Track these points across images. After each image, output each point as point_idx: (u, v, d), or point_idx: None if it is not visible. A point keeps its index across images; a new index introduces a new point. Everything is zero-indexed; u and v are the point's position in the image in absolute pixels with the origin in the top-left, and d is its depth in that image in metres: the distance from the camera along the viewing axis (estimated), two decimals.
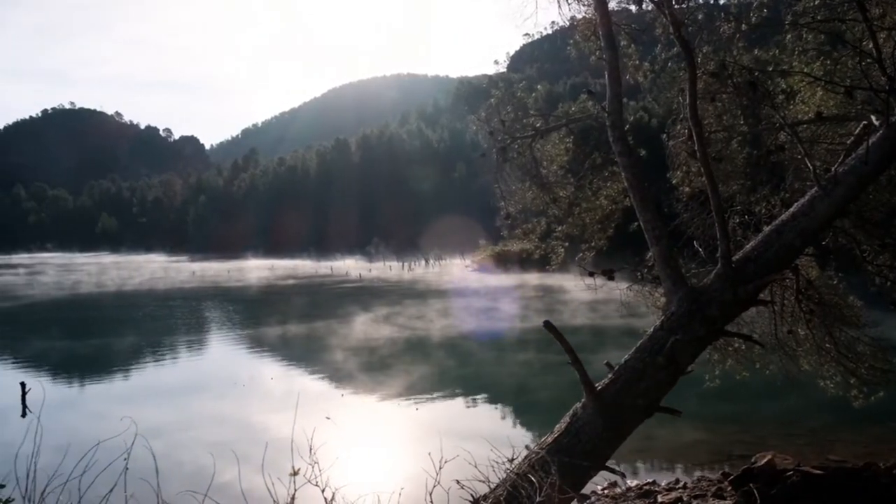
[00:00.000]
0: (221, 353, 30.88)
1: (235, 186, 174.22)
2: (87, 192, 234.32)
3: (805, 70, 9.82)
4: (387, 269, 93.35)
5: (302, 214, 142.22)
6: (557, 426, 6.99)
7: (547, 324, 6.96)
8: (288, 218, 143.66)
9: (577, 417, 6.91)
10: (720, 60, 9.33)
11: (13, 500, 3.46)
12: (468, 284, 63.25)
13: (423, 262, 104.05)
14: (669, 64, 10.45)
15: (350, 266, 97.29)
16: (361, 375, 23.94)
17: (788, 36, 10.17)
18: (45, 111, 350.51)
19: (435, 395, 21.22)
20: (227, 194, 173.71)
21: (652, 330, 7.43)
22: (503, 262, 75.97)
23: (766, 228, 7.99)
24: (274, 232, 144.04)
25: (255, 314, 45.32)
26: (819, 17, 9.22)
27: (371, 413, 19.11)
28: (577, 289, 42.49)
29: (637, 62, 10.27)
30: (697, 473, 13.35)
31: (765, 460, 11.02)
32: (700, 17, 9.38)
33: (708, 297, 7.36)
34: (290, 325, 36.59)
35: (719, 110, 10.02)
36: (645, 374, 7.01)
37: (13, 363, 27.79)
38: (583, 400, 7.04)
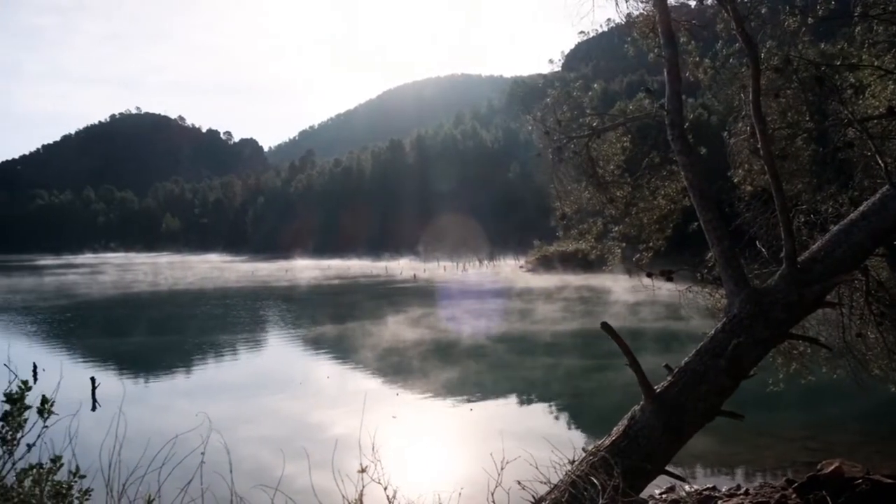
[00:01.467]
0: (276, 352, 31.53)
1: (293, 187, 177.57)
2: (151, 193, 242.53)
3: (875, 63, 9.47)
4: (440, 269, 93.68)
5: (357, 215, 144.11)
6: (615, 428, 6.90)
7: (604, 325, 6.88)
8: (344, 218, 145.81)
9: (636, 420, 6.80)
10: (784, 55, 9.07)
11: (92, 489, 3.63)
12: (521, 285, 63.00)
13: (476, 263, 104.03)
14: (731, 60, 10.21)
15: (404, 266, 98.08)
16: (413, 374, 24.12)
17: (857, 28, 9.82)
18: (113, 116, 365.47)
19: (488, 395, 21.20)
20: (285, 195, 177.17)
21: (713, 332, 7.26)
22: (557, 262, 75.41)
23: (834, 228, 7.72)
24: (330, 232, 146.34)
25: (308, 314, 46.07)
26: (891, 8, 8.88)
27: (425, 412, 19.23)
28: (636, 290, 42.00)
29: (697, 59, 10.06)
30: (760, 480, 13.01)
31: (832, 467, 10.65)
32: (763, 11, 9.13)
33: (772, 299, 7.15)
34: (342, 325, 37.10)
35: (783, 106, 9.74)
36: (706, 377, 6.86)
37: (75, 359, 28.96)
38: (641, 402, 6.93)
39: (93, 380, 20.86)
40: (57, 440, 3.79)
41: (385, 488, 3.91)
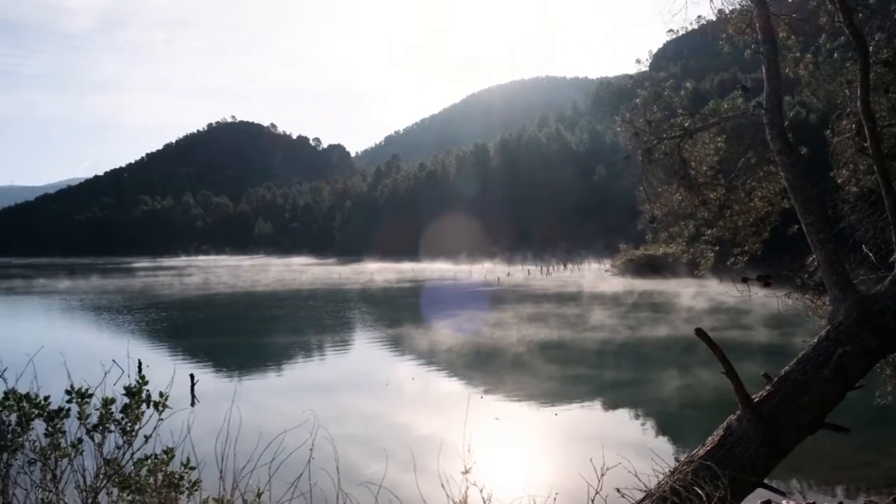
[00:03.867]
0: (361, 353, 32.14)
1: (378, 191, 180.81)
2: (245, 198, 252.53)
3: None
4: (524, 272, 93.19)
5: (441, 218, 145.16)
6: (710, 438, 6.64)
7: (699, 331, 6.65)
8: (427, 221, 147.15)
9: (731, 430, 6.53)
10: (895, 48, 8.55)
11: (201, 481, 3.81)
12: (606, 289, 61.87)
13: (561, 266, 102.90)
14: (835, 55, 9.71)
15: (487, 269, 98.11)
16: (496, 377, 24.13)
17: None
18: (210, 125, 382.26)
19: (571, 400, 20.94)
20: (371, 199, 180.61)
21: (816, 340, 6.90)
22: (645, 266, 73.71)
23: None
24: (414, 235, 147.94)
25: (391, 315, 46.72)
26: None
27: (512, 416, 19.16)
28: (729, 296, 40.58)
29: (797, 54, 9.61)
30: (863, 497, 12.30)
31: None
32: (872, 1, 8.63)
33: (881, 307, 6.74)
34: (424, 326, 37.41)
35: (893, 102, 9.18)
36: (808, 387, 6.52)
37: (168, 356, 30.40)
38: (737, 412, 6.66)
39: (192, 376, 21.87)
40: (167, 433, 3.99)
41: (481, 490, 3.93)
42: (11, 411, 3.45)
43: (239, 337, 37.19)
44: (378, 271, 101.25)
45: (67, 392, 3.60)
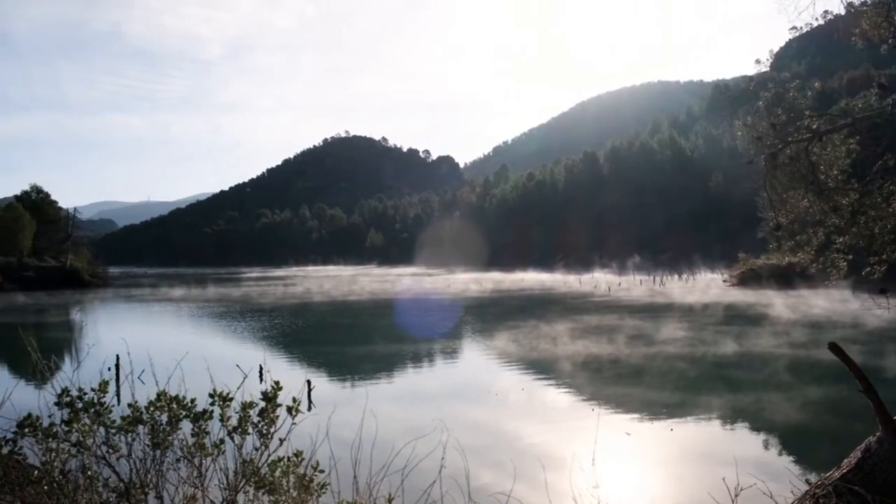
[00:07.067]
0: (461, 361, 32.18)
1: (487, 202, 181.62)
2: (358, 210, 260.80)
3: None
4: (636, 283, 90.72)
5: (551, 228, 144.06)
6: (845, 461, 6.22)
7: (833, 346, 6.25)
8: (537, 231, 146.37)
9: (871, 453, 6.08)
10: None
11: (328, 483, 4.00)
12: (724, 300, 59.20)
13: (675, 277, 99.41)
14: None
15: (598, 279, 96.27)
16: (606, 389, 23.61)
17: None
18: (325, 140, 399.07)
19: (686, 415, 20.14)
20: (479, 209, 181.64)
21: None
22: (767, 276, 69.99)
23: None
24: (523, 245, 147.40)
25: (500, 323, 46.50)
26: None
27: (625, 430, 18.68)
28: (865, 309, 37.92)
29: None
30: None
31: None
32: None
33: None
34: (530, 335, 37.06)
35: None
36: None
37: (284, 362, 31.67)
38: (877, 434, 6.20)
39: (308, 382, 22.70)
40: (293, 436, 4.20)
41: None
42: (163, 412, 3.78)
43: (340, 345, 38.22)
44: (484, 280, 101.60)
45: (210, 395, 3.89)
